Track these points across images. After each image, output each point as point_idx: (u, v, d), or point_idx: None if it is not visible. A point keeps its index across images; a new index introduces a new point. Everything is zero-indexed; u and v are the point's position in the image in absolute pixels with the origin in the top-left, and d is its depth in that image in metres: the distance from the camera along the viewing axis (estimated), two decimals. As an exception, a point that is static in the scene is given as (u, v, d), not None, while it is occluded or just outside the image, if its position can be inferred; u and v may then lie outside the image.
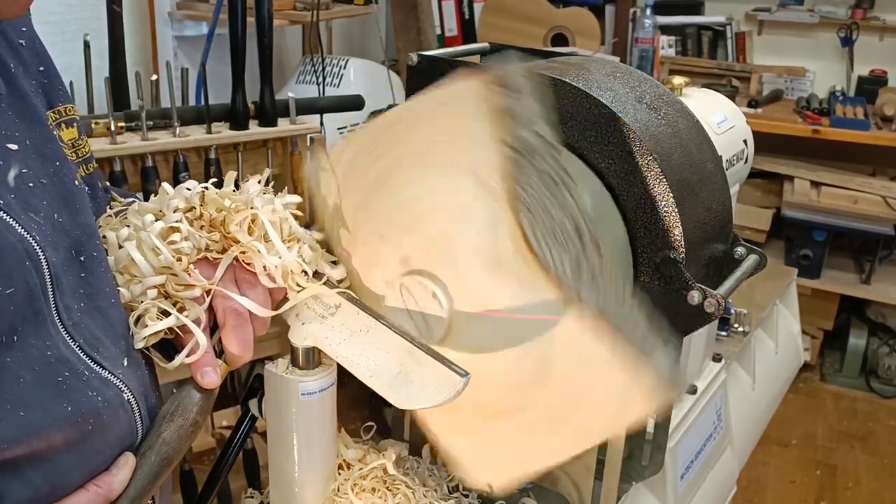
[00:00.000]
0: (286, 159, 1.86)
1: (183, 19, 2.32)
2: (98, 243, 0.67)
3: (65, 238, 0.63)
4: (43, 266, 0.58)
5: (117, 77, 1.81)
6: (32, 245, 0.58)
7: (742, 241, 0.88)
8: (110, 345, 0.65)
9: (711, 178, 0.85)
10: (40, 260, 0.58)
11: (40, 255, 0.58)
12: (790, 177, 3.21)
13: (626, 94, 0.81)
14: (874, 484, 2.69)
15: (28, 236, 0.58)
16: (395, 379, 0.72)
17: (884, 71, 3.31)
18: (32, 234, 0.58)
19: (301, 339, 0.78)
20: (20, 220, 0.58)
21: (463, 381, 0.68)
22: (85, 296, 0.64)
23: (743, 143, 1.15)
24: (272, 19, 1.80)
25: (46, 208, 0.62)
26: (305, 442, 0.82)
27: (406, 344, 0.72)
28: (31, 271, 0.57)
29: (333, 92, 2.44)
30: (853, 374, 3.20)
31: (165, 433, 0.66)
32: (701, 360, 1.22)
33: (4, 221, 0.56)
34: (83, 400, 0.60)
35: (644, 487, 1.05)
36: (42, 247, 0.59)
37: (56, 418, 0.58)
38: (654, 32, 3.16)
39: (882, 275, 3.17)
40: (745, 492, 2.54)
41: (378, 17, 2.90)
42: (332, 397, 0.83)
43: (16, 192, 0.59)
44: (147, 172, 1.63)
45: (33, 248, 0.58)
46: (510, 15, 3.15)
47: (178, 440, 0.67)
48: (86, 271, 0.64)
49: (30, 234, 0.58)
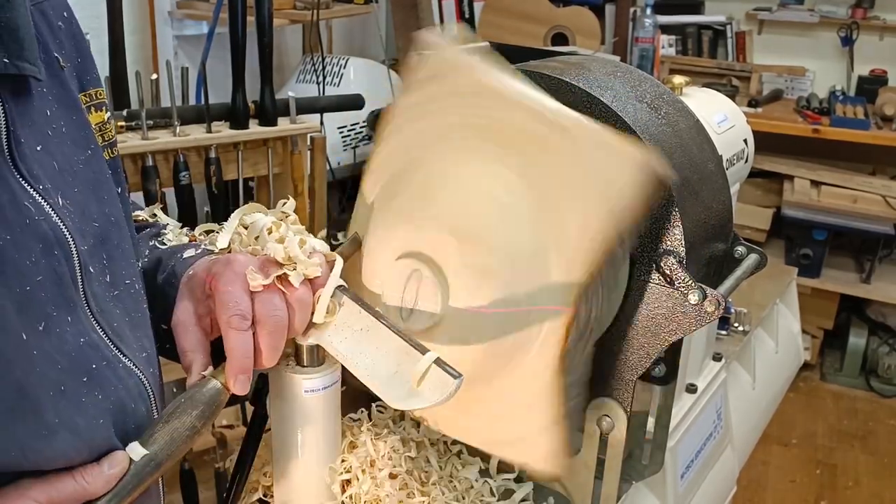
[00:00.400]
0: (286, 158, 1.86)
1: (183, 18, 2.32)
2: (122, 233, 0.67)
3: (92, 226, 0.62)
4: (73, 254, 0.58)
5: (117, 76, 1.81)
6: (64, 233, 0.58)
7: (742, 241, 0.88)
8: (129, 335, 0.65)
9: (712, 177, 0.85)
10: (71, 248, 0.58)
11: (71, 243, 0.58)
12: (790, 176, 3.21)
13: (627, 94, 0.81)
14: (874, 483, 2.69)
15: (61, 224, 0.58)
16: (392, 379, 0.73)
17: (884, 70, 3.31)
18: (65, 222, 0.58)
19: (304, 336, 0.78)
20: (56, 206, 0.58)
21: (456, 382, 0.69)
22: (109, 284, 0.64)
23: (743, 142, 1.15)
24: (272, 18, 1.80)
25: (77, 195, 0.61)
26: (309, 439, 0.83)
27: (404, 345, 0.73)
28: (61, 259, 0.57)
29: (333, 91, 2.44)
30: (853, 374, 3.21)
31: (157, 434, 0.63)
32: (701, 360, 1.22)
33: (41, 208, 0.57)
34: (111, 388, 0.60)
35: (644, 487, 1.05)
36: (73, 234, 0.59)
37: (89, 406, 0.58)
38: (654, 32, 3.16)
39: (882, 274, 3.17)
40: (745, 491, 2.54)
41: (378, 16, 2.90)
42: (335, 395, 0.83)
43: (52, 179, 0.59)
44: (147, 172, 1.63)
45: (65, 236, 0.58)
46: (510, 14, 3.15)
47: (169, 443, 0.63)
48: (108, 260, 0.64)
49: (63, 222, 0.58)
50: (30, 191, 0.56)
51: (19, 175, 0.55)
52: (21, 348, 0.53)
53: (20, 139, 0.56)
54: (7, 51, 0.55)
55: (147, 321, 0.69)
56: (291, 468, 0.84)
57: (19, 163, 0.56)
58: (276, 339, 0.70)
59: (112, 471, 0.60)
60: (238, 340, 0.68)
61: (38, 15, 0.63)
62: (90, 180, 0.64)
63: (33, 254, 0.55)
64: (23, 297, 0.54)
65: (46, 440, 0.55)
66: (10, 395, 0.52)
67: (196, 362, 0.70)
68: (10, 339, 0.52)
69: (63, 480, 0.57)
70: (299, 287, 0.71)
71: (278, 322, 0.70)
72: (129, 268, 0.67)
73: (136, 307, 0.67)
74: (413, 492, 0.89)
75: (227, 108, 1.75)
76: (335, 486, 0.86)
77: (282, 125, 1.81)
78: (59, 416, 0.56)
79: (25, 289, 0.54)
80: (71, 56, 0.67)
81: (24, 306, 0.54)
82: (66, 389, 0.56)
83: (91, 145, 0.66)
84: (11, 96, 0.56)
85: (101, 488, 0.59)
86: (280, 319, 0.70)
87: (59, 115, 0.62)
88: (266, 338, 0.70)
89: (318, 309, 0.74)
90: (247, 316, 0.69)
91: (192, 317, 0.72)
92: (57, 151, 0.61)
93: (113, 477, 0.60)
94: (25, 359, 0.53)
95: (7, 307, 0.52)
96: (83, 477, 0.58)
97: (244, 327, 0.68)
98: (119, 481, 0.60)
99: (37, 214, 0.56)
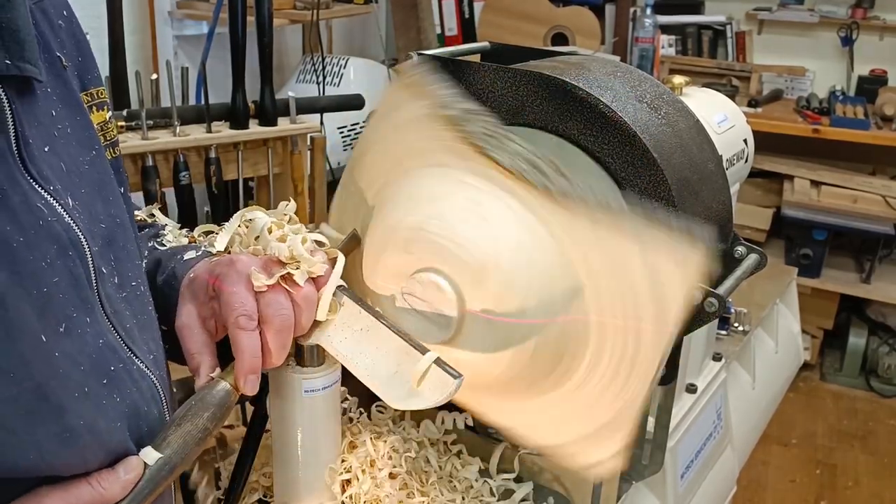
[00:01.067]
0: (286, 158, 1.86)
1: (183, 18, 2.32)
2: (127, 234, 0.67)
3: (99, 227, 0.62)
4: (87, 255, 0.58)
5: (117, 76, 1.81)
6: (77, 234, 0.57)
7: (742, 241, 0.88)
8: (139, 337, 0.64)
9: (712, 177, 0.85)
10: (84, 249, 0.58)
11: (84, 244, 0.58)
12: (790, 176, 3.21)
13: (627, 94, 0.81)
14: (874, 483, 2.69)
15: (74, 225, 0.57)
16: (392, 379, 0.73)
17: (884, 70, 3.31)
18: (77, 223, 0.58)
19: (307, 335, 0.78)
20: (67, 207, 0.57)
21: (455, 382, 0.69)
22: (118, 286, 0.63)
23: (743, 142, 1.15)
24: (272, 18, 1.80)
25: (84, 196, 0.61)
26: (309, 439, 0.83)
27: (404, 345, 0.73)
28: (76, 260, 0.57)
29: (333, 91, 2.44)
30: (853, 374, 3.21)
31: (170, 437, 0.63)
32: (701, 360, 1.22)
33: (53, 209, 0.56)
34: (127, 391, 0.60)
35: (644, 487, 1.05)
36: (85, 235, 0.58)
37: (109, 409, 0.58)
38: (654, 32, 3.16)
39: (882, 274, 3.17)
40: (745, 491, 2.54)
41: (378, 16, 2.90)
42: (335, 395, 0.83)
43: (61, 180, 0.59)
44: (147, 172, 1.63)
45: (78, 237, 0.57)
46: (510, 14, 3.15)
47: (183, 446, 0.63)
48: (116, 262, 0.63)
49: (75, 223, 0.57)
50: (41, 192, 0.55)
51: (30, 176, 0.55)
52: (41, 351, 0.53)
53: (28, 140, 0.56)
54: (8, 52, 0.54)
55: (154, 323, 0.69)
56: (291, 468, 0.84)
57: (29, 164, 0.55)
58: (283, 338, 0.71)
59: (128, 476, 0.59)
60: (246, 341, 0.68)
61: (40, 14, 0.62)
62: (96, 181, 0.64)
63: (48, 255, 0.54)
64: (41, 298, 0.53)
65: (67, 443, 0.55)
66: (29, 398, 0.52)
67: (204, 364, 0.71)
68: (29, 342, 0.52)
69: (80, 487, 0.57)
70: (304, 285, 0.72)
71: (285, 321, 0.70)
72: (135, 269, 0.67)
73: (143, 309, 0.67)
74: (413, 492, 0.89)
75: (227, 108, 1.75)
76: (335, 486, 0.86)
77: (282, 125, 1.81)
78: (81, 418, 0.55)
79: (43, 290, 0.53)
80: (72, 55, 0.66)
81: (44, 308, 0.53)
82: (89, 391, 0.56)
83: (95, 146, 0.65)
84: (17, 97, 0.55)
85: (117, 494, 0.59)
86: (286, 318, 0.71)
87: (64, 116, 0.62)
88: (273, 337, 0.70)
89: (320, 306, 0.74)
90: (253, 316, 0.69)
91: (196, 319, 0.72)
92: (63, 152, 0.60)
93: (129, 482, 0.59)
94: (46, 361, 0.53)
95: (25, 309, 0.52)
96: (99, 483, 0.58)
97: (251, 327, 0.69)
98: (134, 486, 0.60)
99: (49, 216, 0.55)
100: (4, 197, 0.52)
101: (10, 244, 0.52)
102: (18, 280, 0.52)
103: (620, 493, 0.92)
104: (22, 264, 0.52)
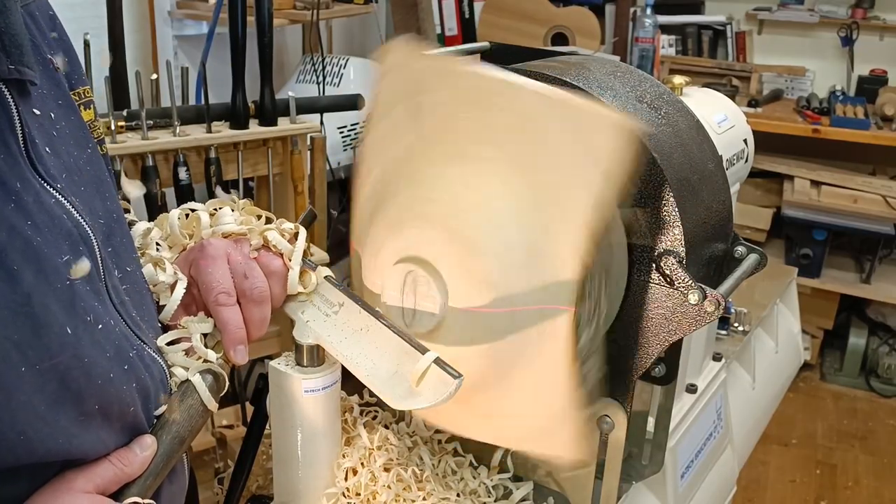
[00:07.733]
0: (286, 158, 1.86)
1: (183, 18, 2.32)
2: (123, 229, 0.69)
3: (99, 223, 0.64)
4: (95, 249, 0.61)
5: (117, 76, 1.81)
6: (87, 230, 0.60)
7: (742, 241, 0.88)
8: (143, 325, 0.68)
9: (712, 177, 0.85)
10: (93, 243, 0.60)
11: (93, 238, 0.60)
12: (790, 176, 3.21)
13: (627, 94, 0.81)
14: (874, 483, 2.69)
15: (82, 220, 0.60)
16: (392, 379, 0.73)
17: (884, 70, 3.31)
18: (85, 219, 0.60)
19: (304, 336, 0.79)
20: (74, 204, 0.60)
21: (455, 382, 0.69)
22: (120, 278, 0.66)
23: (743, 142, 1.15)
24: (272, 18, 1.80)
25: (84, 194, 0.63)
26: (309, 439, 0.83)
27: (404, 344, 0.73)
28: (87, 254, 0.59)
29: (333, 91, 2.44)
30: (853, 374, 3.21)
31: (176, 412, 0.68)
32: (701, 360, 1.22)
33: (63, 206, 0.58)
34: (142, 376, 0.64)
35: (644, 487, 1.05)
36: (92, 229, 0.61)
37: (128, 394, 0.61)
38: (654, 32, 3.16)
39: (882, 274, 3.17)
40: (745, 491, 2.54)
41: (378, 16, 2.90)
42: (335, 395, 0.83)
43: (65, 178, 0.61)
44: (147, 171, 1.63)
45: (87, 232, 0.60)
46: (510, 14, 3.15)
47: (189, 419, 0.68)
48: (115, 256, 0.66)
49: (83, 219, 0.60)
50: (50, 190, 0.58)
51: (39, 176, 0.57)
52: (65, 342, 0.55)
53: (34, 140, 0.58)
54: (9, 56, 0.56)
55: (153, 312, 0.72)
56: (291, 468, 0.84)
57: (37, 164, 0.57)
58: (262, 310, 0.76)
59: (145, 453, 0.64)
60: (228, 314, 0.74)
61: (28, 17, 0.64)
62: (93, 179, 0.66)
63: (64, 251, 0.57)
64: (67, 292, 0.56)
65: (93, 429, 0.58)
66: (54, 388, 0.55)
67: None
68: (55, 337, 0.54)
69: (103, 466, 0.61)
70: (272, 260, 0.78)
71: (262, 292, 0.76)
72: (132, 262, 0.70)
73: (142, 300, 0.70)
74: (410, 485, 0.89)
75: (227, 108, 1.75)
76: (335, 486, 0.85)
77: (282, 125, 1.81)
78: (102, 403, 0.59)
79: (66, 284, 0.56)
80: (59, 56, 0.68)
81: (72, 301, 0.56)
82: (114, 377, 0.59)
83: (90, 144, 0.67)
84: (21, 99, 0.57)
85: (137, 470, 0.63)
86: (262, 290, 0.76)
87: (61, 116, 0.64)
88: (253, 309, 0.75)
89: (290, 276, 0.78)
90: (231, 292, 0.74)
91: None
92: (63, 152, 0.62)
93: (146, 458, 0.64)
94: (71, 352, 0.55)
95: (50, 305, 0.54)
96: (120, 461, 0.62)
97: (231, 302, 0.74)
98: (150, 462, 0.64)
99: (61, 213, 0.58)
100: (19, 197, 0.54)
101: (30, 243, 0.54)
102: (44, 278, 0.54)
103: (620, 493, 0.92)
104: (45, 261, 0.55)
